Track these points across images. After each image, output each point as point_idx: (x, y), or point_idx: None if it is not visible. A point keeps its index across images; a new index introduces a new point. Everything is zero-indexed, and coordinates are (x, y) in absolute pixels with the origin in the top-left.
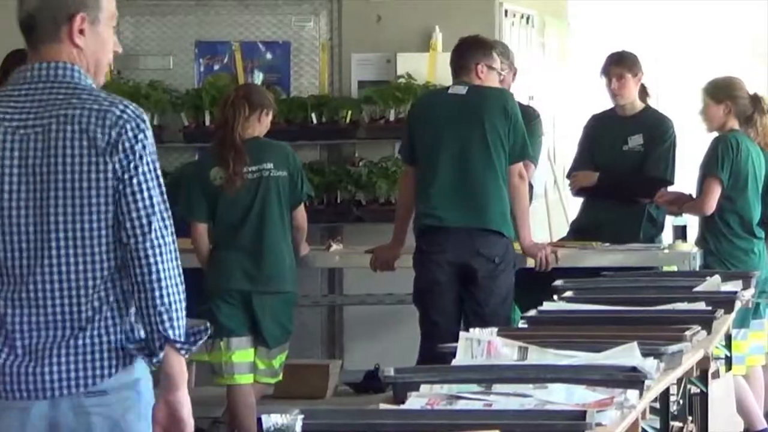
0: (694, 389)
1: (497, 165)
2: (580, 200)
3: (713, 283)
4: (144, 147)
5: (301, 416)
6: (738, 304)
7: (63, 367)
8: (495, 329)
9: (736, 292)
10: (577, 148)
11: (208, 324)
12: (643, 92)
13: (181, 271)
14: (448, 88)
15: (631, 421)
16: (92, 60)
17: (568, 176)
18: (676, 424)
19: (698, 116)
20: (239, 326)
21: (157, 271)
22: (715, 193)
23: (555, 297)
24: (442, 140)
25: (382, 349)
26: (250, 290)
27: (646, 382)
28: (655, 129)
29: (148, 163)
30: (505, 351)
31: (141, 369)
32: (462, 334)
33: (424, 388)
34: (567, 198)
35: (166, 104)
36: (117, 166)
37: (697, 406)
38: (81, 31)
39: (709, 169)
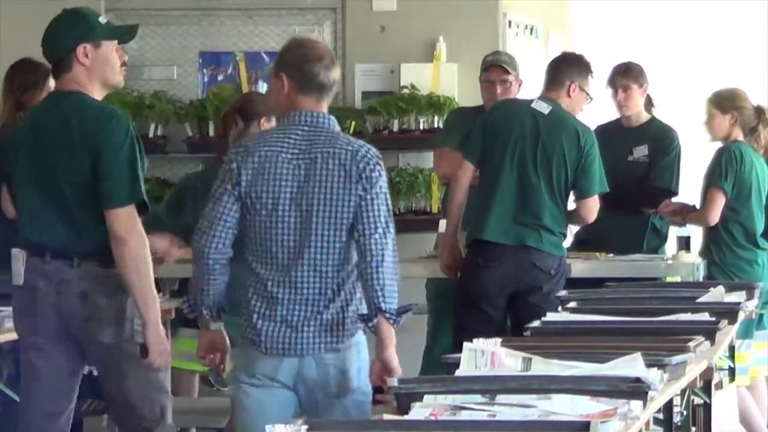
0: (697, 400)
1: (558, 193)
2: None
3: (717, 293)
4: (380, 178)
5: (306, 426)
6: (741, 315)
7: (310, 335)
8: (499, 339)
9: (739, 303)
10: None
11: (413, 305)
12: (648, 103)
13: (397, 264)
14: (532, 100)
15: None
16: None
17: None
18: None
19: (702, 127)
20: None
21: (380, 263)
22: (719, 203)
23: (559, 308)
24: (514, 158)
25: None
26: None
27: (650, 393)
28: (661, 140)
29: (383, 190)
30: (509, 361)
31: (361, 335)
32: (466, 344)
33: (427, 398)
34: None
35: (170, 115)
36: (362, 191)
37: (701, 417)
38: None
39: (713, 179)
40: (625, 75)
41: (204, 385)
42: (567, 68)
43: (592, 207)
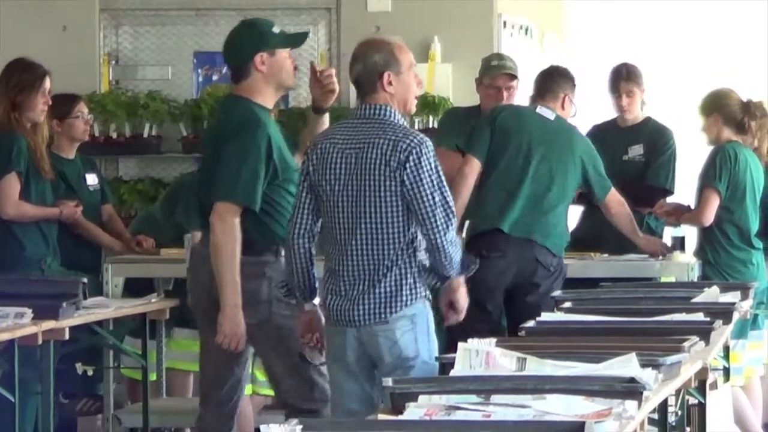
0: (692, 400)
1: (567, 198)
2: (578, 210)
3: (711, 294)
4: (422, 165)
5: (300, 426)
6: (736, 315)
7: (367, 308)
8: (494, 339)
9: (734, 303)
10: None
11: (478, 260)
12: (641, 102)
13: (455, 236)
14: (535, 107)
15: None
16: (401, 100)
17: None
18: None
19: (697, 127)
20: None
21: (442, 243)
22: (714, 204)
23: (554, 308)
24: (528, 159)
25: None
26: None
27: (645, 393)
28: (656, 140)
29: (428, 175)
30: (504, 361)
31: (419, 307)
32: (460, 344)
33: (422, 398)
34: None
35: (165, 114)
36: (405, 178)
37: (695, 417)
38: (390, 83)
39: (708, 180)
40: (629, 80)
41: (301, 362)
42: (561, 80)
43: (616, 202)
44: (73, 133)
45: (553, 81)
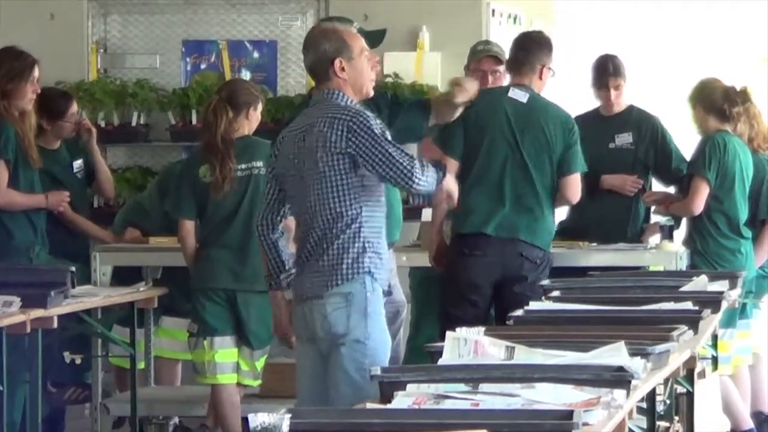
0: (680, 389)
1: (551, 186)
2: None
3: (700, 282)
4: (363, 131)
5: (288, 415)
6: (725, 304)
7: (309, 283)
8: (482, 328)
9: (722, 292)
10: None
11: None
12: None
13: (422, 173)
14: (507, 89)
15: (618, 421)
16: (355, 85)
17: None
18: (663, 423)
19: (687, 115)
20: (223, 325)
21: (417, 187)
22: (703, 193)
23: (543, 297)
24: (502, 152)
25: None
26: (235, 289)
27: (633, 382)
28: (646, 127)
29: (371, 137)
30: (492, 350)
31: (356, 286)
32: (449, 333)
33: (410, 387)
34: None
35: (153, 103)
36: (352, 151)
37: (684, 406)
38: (342, 69)
39: (697, 169)
40: (616, 75)
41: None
42: (537, 51)
43: (576, 186)
44: (62, 133)
45: (529, 52)
